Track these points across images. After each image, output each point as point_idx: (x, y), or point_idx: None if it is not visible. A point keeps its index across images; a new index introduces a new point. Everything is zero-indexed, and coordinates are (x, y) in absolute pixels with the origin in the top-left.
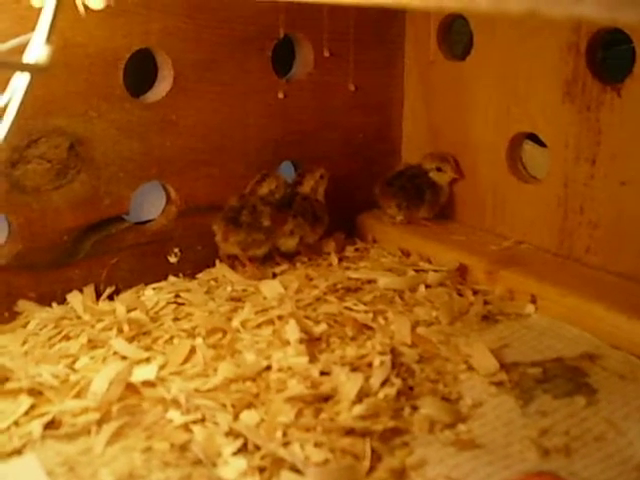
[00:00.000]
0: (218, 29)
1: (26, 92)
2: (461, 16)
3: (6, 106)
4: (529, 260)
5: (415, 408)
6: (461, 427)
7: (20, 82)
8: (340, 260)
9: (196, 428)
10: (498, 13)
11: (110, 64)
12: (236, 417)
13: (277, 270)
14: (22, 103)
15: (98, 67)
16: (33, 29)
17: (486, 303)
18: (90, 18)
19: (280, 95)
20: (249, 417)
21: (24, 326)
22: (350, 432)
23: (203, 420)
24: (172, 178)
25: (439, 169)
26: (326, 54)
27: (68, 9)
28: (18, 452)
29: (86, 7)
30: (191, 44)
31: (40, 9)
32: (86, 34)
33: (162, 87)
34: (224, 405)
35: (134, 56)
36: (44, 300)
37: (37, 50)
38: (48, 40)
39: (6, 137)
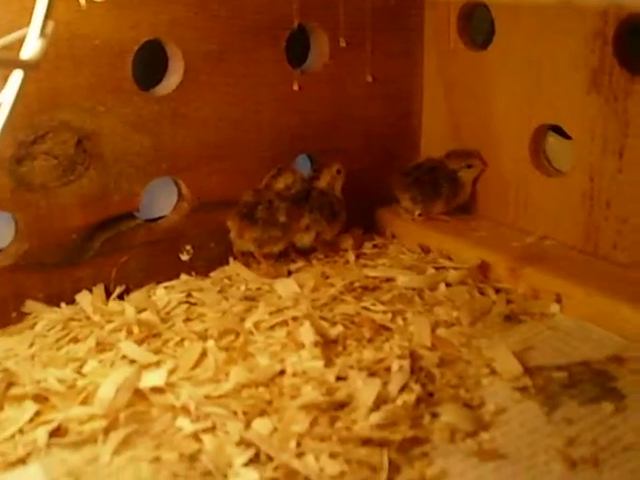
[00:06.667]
0: (230, 19)
1: (19, 90)
2: (482, 3)
3: None
4: (553, 257)
5: (435, 415)
6: (483, 435)
7: (13, 80)
8: (357, 257)
9: (206, 437)
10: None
11: (118, 56)
12: (248, 425)
13: (293, 267)
14: (16, 101)
15: (105, 59)
16: None
17: (509, 302)
18: (96, 9)
19: (295, 87)
20: (261, 425)
21: (32, 327)
22: (367, 442)
23: (213, 428)
24: (184, 173)
25: (470, 166)
26: (342, 44)
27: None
28: (22, 461)
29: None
30: (202, 35)
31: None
32: (92, 26)
33: (172, 80)
34: (235, 413)
35: (144, 48)
36: (53, 300)
37: (31, 45)
38: (42, 34)
39: None
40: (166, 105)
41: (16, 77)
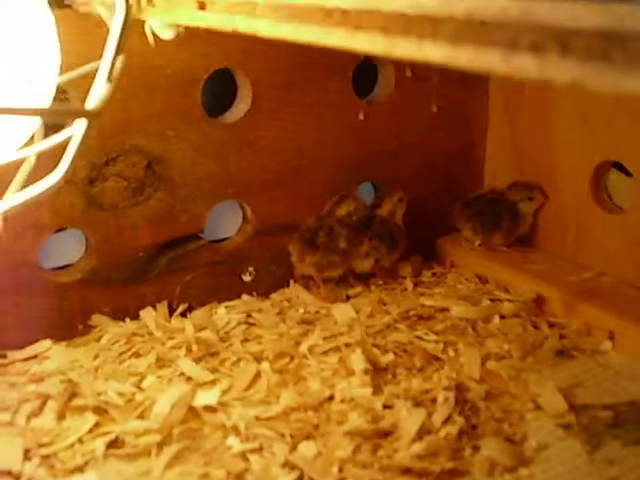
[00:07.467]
0: (298, 49)
1: (84, 136)
2: None
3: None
4: (610, 293)
5: (476, 448)
6: (523, 471)
7: (78, 127)
8: (415, 285)
9: (253, 457)
10: (542, 81)
11: (188, 84)
12: (294, 448)
13: (351, 292)
14: (80, 147)
15: (176, 88)
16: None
17: (562, 337)
18: (169, 41)
19: (360, 116)
20: (307, 449)
21: (97, 340)
22: (407, 471)
23: (261, 449)
24: (248, 197)
25: (531, 198)
26: (408, 74)
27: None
28: (80, 469)
29: (156, 37)
30: (270, 64)
31: None
32: (164, 56)
33: (241, 107)
34: (283, 435)
35: (213, 76)
36: (118, 315)
37: (98, 90)
38: (109, 78)
39: (60, 181)
40: (233, 132)
41: (80, 126)
